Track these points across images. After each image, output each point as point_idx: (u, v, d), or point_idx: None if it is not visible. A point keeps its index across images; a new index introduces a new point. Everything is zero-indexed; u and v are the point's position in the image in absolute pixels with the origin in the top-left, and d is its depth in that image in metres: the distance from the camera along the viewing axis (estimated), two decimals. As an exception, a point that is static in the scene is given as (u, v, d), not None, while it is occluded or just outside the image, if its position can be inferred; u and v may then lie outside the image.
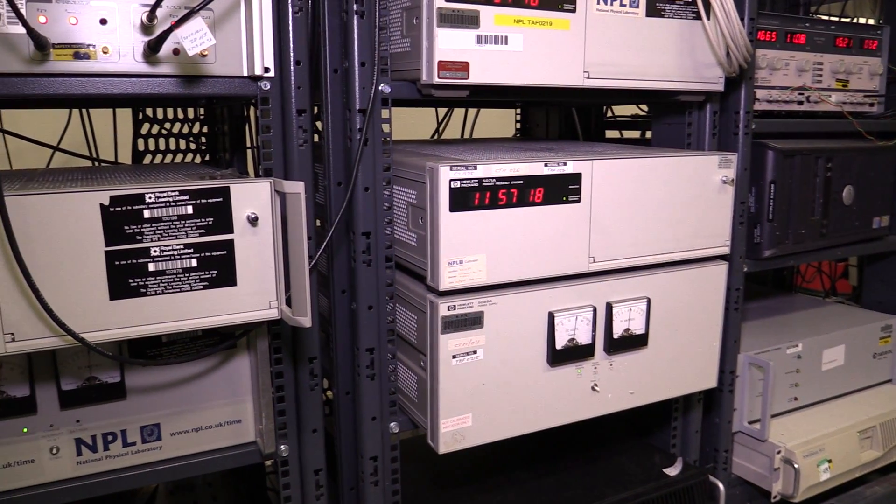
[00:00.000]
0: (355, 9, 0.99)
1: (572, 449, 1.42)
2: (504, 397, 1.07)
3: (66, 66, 0.86)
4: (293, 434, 1.03)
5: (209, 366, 0.99)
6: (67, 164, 1.58)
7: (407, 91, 1.05)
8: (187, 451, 1.00)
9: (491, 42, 1.03)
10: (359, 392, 1.07)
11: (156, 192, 0.82)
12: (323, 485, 1.07)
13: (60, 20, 0.85)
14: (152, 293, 0.84)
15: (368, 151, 1.01)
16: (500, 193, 1.00)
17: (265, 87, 0.94)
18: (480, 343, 1.03)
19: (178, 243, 0.84)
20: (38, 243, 0.79)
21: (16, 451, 0.92)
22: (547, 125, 1.74)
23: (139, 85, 0.89)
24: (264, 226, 0.87)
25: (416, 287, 1.05)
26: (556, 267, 1.07)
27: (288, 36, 0.95)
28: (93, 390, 0.93)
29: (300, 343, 1.01)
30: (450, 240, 0.98)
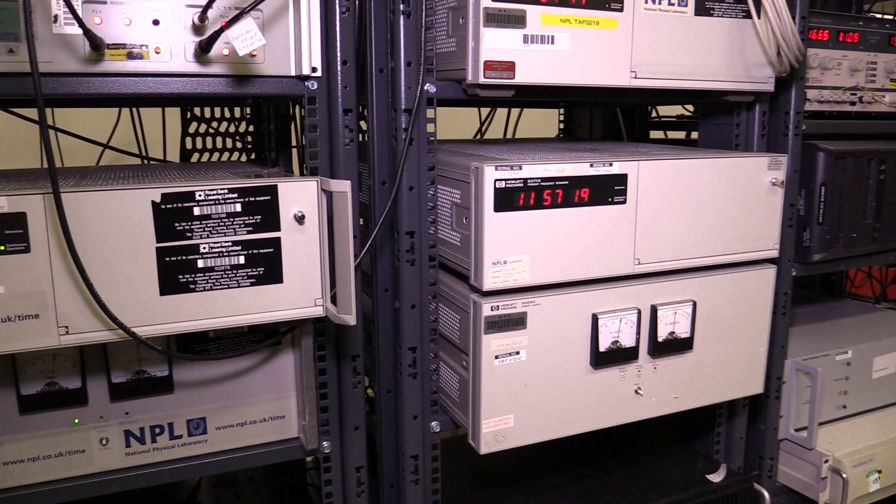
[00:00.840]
0: (402, 9, 0.99)
1: (613, 452, 1.41)
2: (546, 399, 1.06)
3: (119, 65, 0.88)
4: (335, 431, 1.04)
5: (254, 362, 1.01)
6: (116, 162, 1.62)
7: (452, 91, 1.05)
8: (232, 445, 1.01)
9: (537, 42, 1.02)
10: (401, 391, 1.07)
11: (206, 190, 0.84)
12: (364, 482, 1.08)
13: (115, 21, 0.86)
14: (201, 289, 0.85)
15: (413, 151, 1.01)
16: (544, 194, 1.00)
17: (312, 87, 0.95)
18: (523, 344, 1.03)
19: (227, 240, 0.85)
20: (91, 239, 0.81)
21: (68, 442, 0.94)
22: (591, 125, 1.73)
23: (190, 84, 0.90)
24: (311, 224, 0.88)
25: (460, 287, 1.05)
26: (601, 268, 1.06)
27: (335, 36, 0.96)
28: (142, 383, 0.95)
29: (344, 341, 1.02)
30: (494, 240, 0.97)
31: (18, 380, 0.91)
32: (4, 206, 0.78)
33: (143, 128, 1.44)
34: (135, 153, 1.45)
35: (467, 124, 1.78)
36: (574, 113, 1.79)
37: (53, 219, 0.78)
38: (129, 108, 1.43)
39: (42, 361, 0.91)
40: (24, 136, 1.84)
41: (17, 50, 0.83)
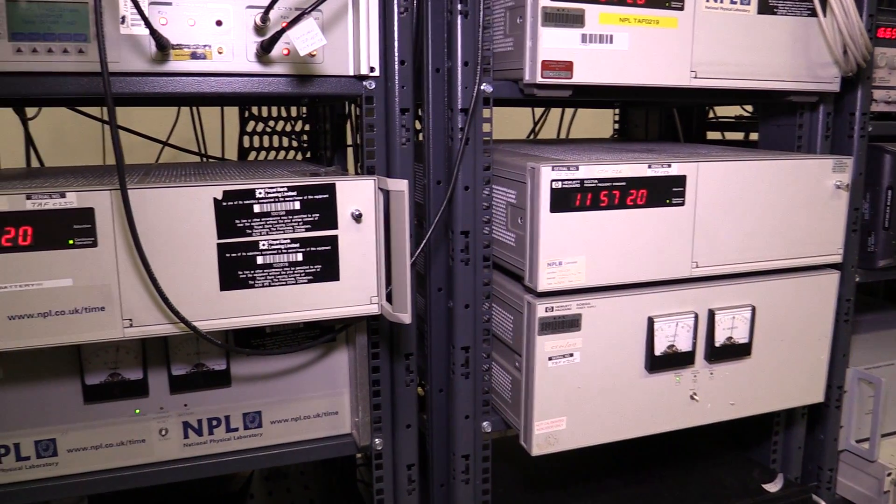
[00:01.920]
0: (459, 8, 0.99)
1: (665, 458, 1.39)
2: (600, 402, 1.05)
3: (183, 65, 0.90)
4: (387, 428, 1.05)
5: (309, 358, 1.02)
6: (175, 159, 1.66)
7: (508, 91, 1.05)
8: (286, 439, 1.03)
9: (596, 41, 1.01)
10: (453, 390, 1.08)
11: (266, 188, 0.85)
12: (415, 480, 1.08)
13: (179, 22, 0.88)
14: (260, 285, 0.87)
15: (469, 151, 1.01)
16: (601, 195, 0.98)
17: (370, 87, 0.96)
18: (577, 346, 1.02)
19: (286, 238, 0.87)
20: (156, 234, 0.83)
21: (129, 431, 0.97)
22: (646, 126, 1.70)
23: (251, 84, 0.92)
24: (368, 223, 0.89)
25: (514, 287, 1.05)
26: (657, 271, 1.04)
27: (393, 36, 0.96)
28: (200, 376, 0.97)
29: (397, 339, 1.02)
30: (549, 241, 0.97)
31: (83, 370, 0.93)
32: (73, 201, 0.80)
33: (202, 126, 1.47)
34: (194, 151, 1.48)
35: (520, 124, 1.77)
36: (629, 113, 1.76)
37: (120, 214, 0.80)
38: (190, 107, 1.46)
39: (106, 353, 0.94)
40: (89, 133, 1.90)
41: (86, 50, 0.86)
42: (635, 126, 1.74)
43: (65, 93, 0.86)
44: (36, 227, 0.79)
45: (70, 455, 0.95)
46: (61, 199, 0.79)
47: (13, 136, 1.34)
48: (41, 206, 0.79)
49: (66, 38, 0.85)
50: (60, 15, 0.85)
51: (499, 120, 1.04)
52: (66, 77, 0.86)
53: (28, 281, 0.80)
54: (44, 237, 0.79)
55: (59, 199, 0.79)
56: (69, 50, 0.85)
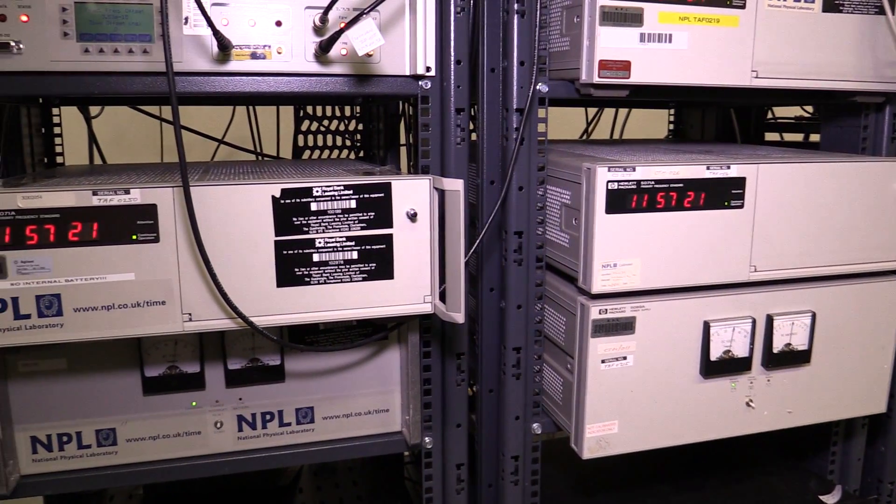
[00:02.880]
0: (516, 8, 0.99)
1: (718, 466, 1.36)
2: (653, 406, 1.03)
3: (243, 65, 0.91)
4: (437, 427, 1.05)
5: (362, 355, 1.03)
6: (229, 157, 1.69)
7: (564, 90, 1.04)
8: (337, 435, 1.04)
9: (654, 40, 1.00)
10: (503, 391, 1.07)
11: (322, 186, 0.86)
12: (464, 479, 1.08)
13: (240, 22, 0.90)
14: (315, 282, 0.88)
15: (524, 151, 1.01)
16: (658, 196, 0.97)
17: (426, 87, 0.96)
18: (631, 349, 1.00)
19: (341, 236, 0.87)
20: (215, 231, 0.84)
21: (185, 423, 0.99)
22: (702, 126, 1.67)
23: (309, 84, 0.93)
24: (422, 222, 0.89)
25: (567, 288, 1.04)
26: (714, 274, 1.03)
27: (449, 36, 0.96)
28: (255, 371, 0.99)
29: (449, 338, 1.02)
30: (604, 242, 0.96)
31: (143, 362, 0.96)
32: (137, 197, 0.82)
33: (258, 125, 1.49)
34: (249, 149, 1.50)
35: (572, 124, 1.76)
36: (685, 113, 1.73)
37: (182, 211, 0.82)
38: (246, 106, 1.48)
39: (165, 346, 0.96)
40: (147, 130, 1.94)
41: (150, 50, 0.88)
42: (691, 127, 1.71)
43: (130, 92, 0.89)
44: (101, 223, 0.81)
45: (129, 445, 0.98)
46: (126, 195, 0.82)
47: (76, 133, 1.38)
48: (107, 202, 0.81)
49: (131, 39, 0.87)
50: (126, 16, 0.87)
51: (551, 119, 1.03)
52: (131, 76, 0.88)
53: (93, 274, 0.82)
54: (108, 232, 0.82)
55: (124, 196, 0.82)
56: (134, 50, 0.87)
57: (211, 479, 1.12)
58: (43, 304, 0.82)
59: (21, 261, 0.80)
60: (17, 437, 0.94)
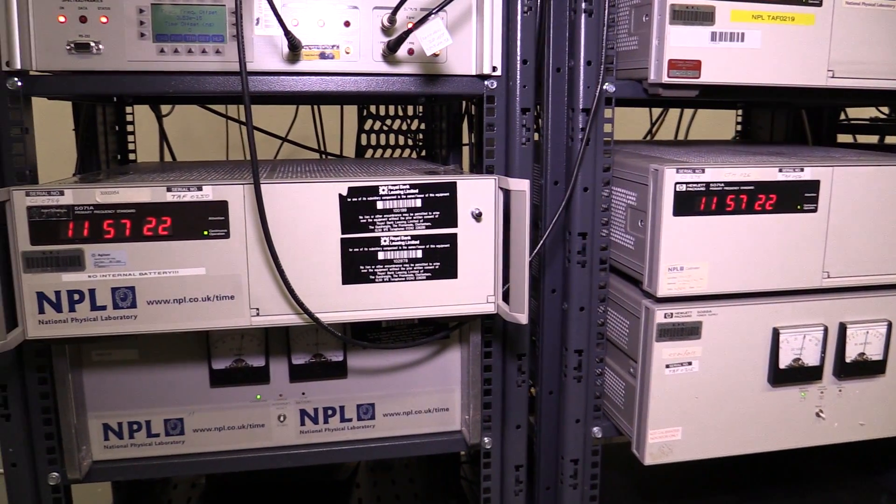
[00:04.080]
0: (584, 7, 0.98)
1: (785, 478, 1.32)
2: (718, 414, 1.01)
3: (312, 65, 0.92)
4: (497, 428, 1.05)
5: (423, 354, 1.03)
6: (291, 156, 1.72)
7: (631, 90, 1.03)
8: (397, 432, 1.05)
9: (726, 39, 0.98)
10: (564, 393, 1.06)
11: (388, 185, 0.87)
12: (522, 481, 1.08)
13: (310, 23, 0.91)
14: (380, 280, 0.88)
15: (590, 151, 1.00)
16: (727, 199, 0.95)
17: (492, 86, 0.96)
18: (696, 354, 0.98)
19: (406, 234, 0.88)
20: (283, 228, 0.86)
21: (249, 416, 1.01)
22: (771, 128, 1.62)
23: (376, 83, 0.94)
24: (487, 222, 0.89)
25: (631, 291, 1.02)
26: (785, 280, 1.00)
27: (516, 35, 0.96)
28: (319, 366, 1.00)
29: (511, 339, 1.02)
30: (671, 245, 0.94)
31: (211, 355, 0.98)
32: (209, 194, 0.84)
33: (322, 124, 1.52)
34: (314, 148, 1.53)
35: (635, 124, 1.73)
36: (754, 114, 1.69)
37: (253, 208, 0.84)
38: (311, 105, 1.50)
39: (232, 339, 0.98)
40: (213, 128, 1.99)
41: (223, 51, 0.90)
42: (759, 128, 1.66)
43: (203, 91, 0.91)
44: (174, 218, 0.84)
45: (195, 435, 1.00)
46: (198, 191, 0.84)
47: (146, 131, 1.42)
48: (180, 199, 0.83)
49: (204, 40, 0.89)
50: (200, 17, 0.89)
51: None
52: (203, 76, 0.90)
53: (165, 268, 0.85)
54: (181, 228, 0.84)
55: (197, 192, 0.84)
56: (207, 50, 0.89)
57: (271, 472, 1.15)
58: (118, 297, 0.84)
59: (98, 254, 0.83)
60: (91, 424, 0.98)
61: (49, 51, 0.87)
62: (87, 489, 1.00)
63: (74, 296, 0.83)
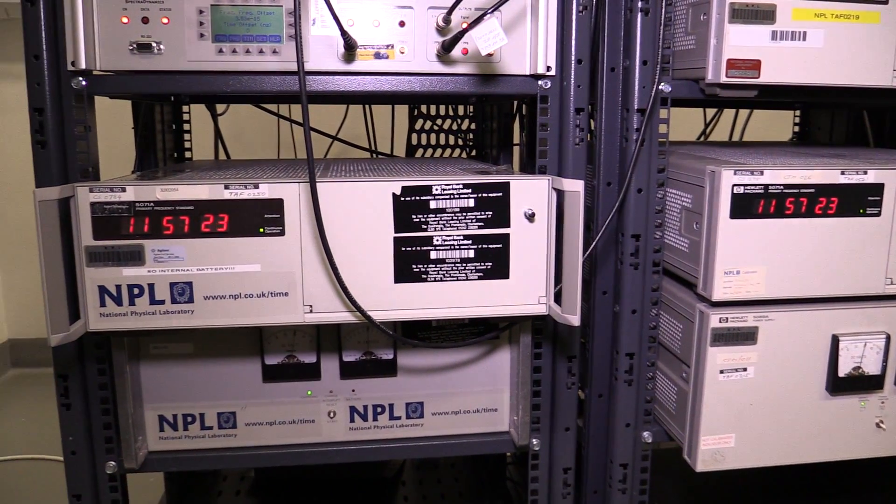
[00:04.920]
0: (640, 6, 0.96)
1: (842, 489, 1.29)
2: (773, 421, 0.99)
3: (367, 65, 0.93)
4: (545, 430, 1.04)
5: (473, 354, 1.03)
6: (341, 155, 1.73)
7: (687, 90, 1.01)
8: (445, 431, 1.05)
9: (787, 38, 0.95)
10: (615, 396, 1.05)
11: (442, 185, 0.87)
12: (570, 484, 1.07)
13: (365, 23, 0.92)
14: (432, 280, 0.89)
15: (644, 152, 0.99)
16: (786, 202, 0.93)
17: (545, 86, 0.96)
18: (751, 360, 0.96)
19: (459, 234, 0.88)
20: (337, 226, 0.86)
21: (300, 411, 1.02)
22: (831, 129, 1.58)
23: (430, 83, 0.94)
24: (540, 222, 0.88)
25: (684, 295, 1.01)
26: (845, 286, 0.97)
27: (571, 35, 0.95)
28: (369, 364, 1.01)
29: (561, 341, 1.01)
30: (728, 248, 0.92)
31: (263, 350, 1.00)
32: (265, 192, 0.85)
33: (373, 123, 1.53)
34: (365, 147, 1.54)
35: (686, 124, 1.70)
36: (812, 115, 1.65)
37: (308, 206, 0.85)
38: (362, 105, 1.52)
39: (284, 335, 1.00)
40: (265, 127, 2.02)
41: (279, 51, 0.91)
42: (818, 129, 1.62)
43: (259, 90, 0.92)
44: (231, 215, 0.85)
45: (247, 428, 1.02)
46: (255, 189, 0.85)
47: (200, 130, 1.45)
48: (237, 196, 0.85)
49: (261, 40, 0.91)
50: (258, 17, 0.91)
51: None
52: (260, 76, 0.92)
53: (222, 264, 0.86)
54: (238, 224, 0.85)
55: (254, 190, 0.85)
56: (264, 50, 0.91)
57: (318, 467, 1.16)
58: (176, 291, 0.86)
59: (158, 249, 0.85)
60: (147, 415, 1.00)
61: (112, 51, 0.89)
62: (140, 478, 1.03)
63: (134, 290, 0.85)
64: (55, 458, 1.89)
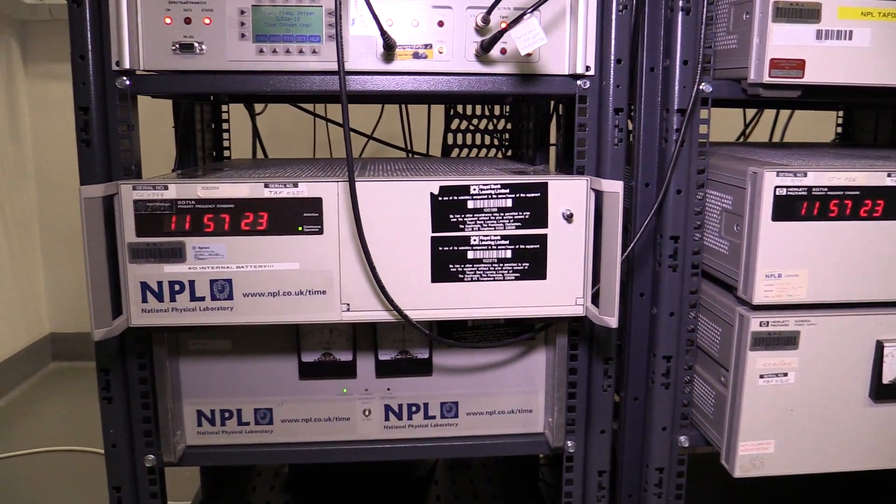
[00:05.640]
0: (681, 5, 0.95)
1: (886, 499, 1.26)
2: (814, 428, 0.97)
3: (406, 64, 0.93)
4: (580, 432, 1.04)
5: (508, 354, 1.03)
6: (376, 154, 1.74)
7: (728, 90, 1.00)
8: (480, 431, 1.05)
9: (832, 37, 0.94)
10: (651, 400, 1.04)
11: (479, 185, 0.87)
12: (605, 487, 1.06)
13: (404, 23, 0.92)
14: (468, 279, 0.88)
15: (684, 153, 0.97)
16: (831, 204, 0.91)
17: (584, 86, 0.95)
18: (792, 365, 0.95)
19: (496, 234, 0.88)
20: (375, 225, 0.87)
21: (336, 408, 1.03)
22: (875, 130, 1.55)
23: (468, 83, 0.94)
24: (578, 223, 0.88)
25: (724, 298, 0.99)
26: (891, 291, 0.95)
27: (610, 34, 0.94)
28: (405, 363, 1.01)
29: (598, 343, 1.01)
30: (769, 251, 0.91)
31: (300, 348, 1.00)
32: (304, 191, 0.86)
33: (409, 122, 1.53)
34: (400, 146, 1.54)
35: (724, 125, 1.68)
36: (856, 115, 1.61)
37: (347, 205, 0.85)
38: (399, 105, 1.52)
39: (321, 333, 1.00)
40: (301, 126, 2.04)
41: (319, 51, 0.92)
42: (862, 130, 1.59)
43: (299, 90, 0.93)
44: (271, 214, 0.86)
45: (283, 425, 1.03)
46: (294, 188, 0.86)
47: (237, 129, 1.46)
48: (277, 195, 0.86)
49: (301, 40, 0.92)
50: (298, 18, 0.91)
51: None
52: (300, 75, 0.92)
53: (261, 262, 0.87)
54: (277, 223, 0.86)
55: (293, 189, 0.86)
56: (304, 50, 0.91)
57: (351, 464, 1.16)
58: (216, 288, 0.87)
59: (198, 246, 0.86)
60: (185, 410, 1.01)
61: (155, 51, 0.90)
62: (176, 472, 1.04)
63: (175, 286, 0.87)
64: (94, 451, 1.93)
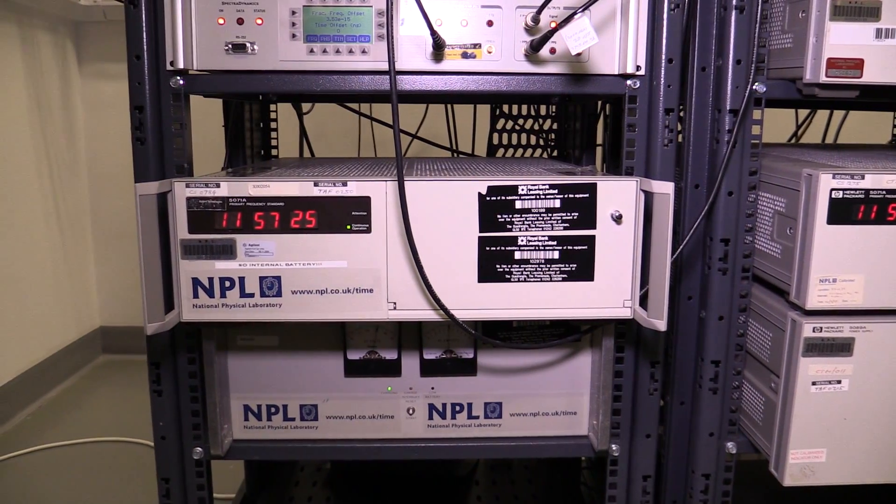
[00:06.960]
0: (735, 3, 0.94)
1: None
2: (868, 437, 0.95)
3: (455, 64, 0.93)
4: (625, 435, 1.02)
5: (553, 356, 1.02)
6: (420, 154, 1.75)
7: (782, 91, 0.98)
8: (523, 433, 1.04)
9: (892, 36, 0.91)
10: (698, 404, 1.03)
11: (528, 185, 0.86)
12: (650, 492, 1.05)
13: (453, 22, 0.92)
14: (515, 280, 0.88)
15: (736, 154, 0.96)
16: (889, 208, 0.89)
17: (634, 86, 0.94)
18: (846, 372, 0.92)
19: (544, 235, 0.87)
20: (422, 225, 0.87)
21: (380, 406, 1.04)
22: (934, 132, 1.51)
23: (517, 82, 0.94)
24: (627, 225, 0.87)
25: (775, 302, 0.97)
26: (951, 298, 0.92)
27: (661, 34, 0.93)
28: (449, 363, 1.02)
29: (644, 346, 1.00)
30: (824, 255, 0.89)
31: (346, 345, 1.01)
32: (353, 190, 0.87)
33: (455, 122, 1.53)
34: (446, 146, 1.55)
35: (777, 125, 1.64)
36: (913, 117, 1.57)
37: (395, 204, 0.86)
38: (444, 104, 1.52)
39: (367, 331, 1.01)
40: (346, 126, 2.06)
41: (368, 51, 0.92)
42: (919, 132, 1.55)
43: (348, 90, 0.94)
44: (319, 212, 0.87)
45: (328, 421, 1.04)
46: (343, 187, 0.86)
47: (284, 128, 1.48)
48: (326, 193, 0.87)
49: (351, 40, 0.92)
50: (348, 18, 0.92)
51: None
52: (350, 75, 0.93)
53: (310, 260, 0.88)
54: (326, 221, 0.87)
55: (342, 188, 0.86)
56: (354, 50, 0.92)
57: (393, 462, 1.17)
58: (265, 285, 0.88)
59: (249, 244, 0.88)
60: (232, 405, 1.03)
61: (208, 51, 0.92)
62: (221, 465, 1.06)
63: (226, 283, 0.88)
64: (143, 442, 1.97)
